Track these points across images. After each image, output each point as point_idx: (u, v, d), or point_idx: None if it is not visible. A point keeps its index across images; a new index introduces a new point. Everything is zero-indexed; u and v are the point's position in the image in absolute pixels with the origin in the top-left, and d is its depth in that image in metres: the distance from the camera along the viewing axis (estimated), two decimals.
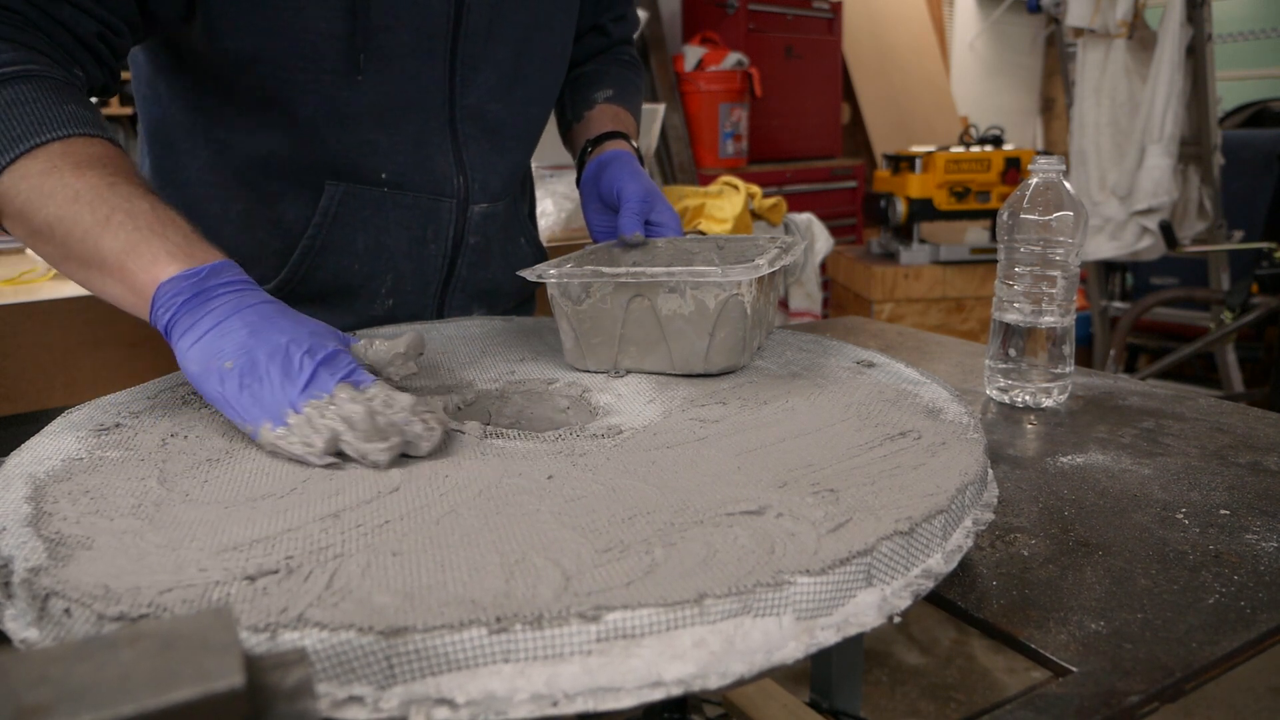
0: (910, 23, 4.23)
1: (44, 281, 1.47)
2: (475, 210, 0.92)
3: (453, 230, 0.91)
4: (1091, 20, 2.52)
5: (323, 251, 0.86)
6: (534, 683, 0.36)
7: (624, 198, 0.89)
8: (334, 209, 0.85)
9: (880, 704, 1.78)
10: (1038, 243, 0.84)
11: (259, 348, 0.55)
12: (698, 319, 0.68)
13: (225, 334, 0.56)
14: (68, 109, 0.63)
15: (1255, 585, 0.53)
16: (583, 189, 0.99)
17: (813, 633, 0.40)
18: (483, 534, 0.45)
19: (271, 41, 0.75)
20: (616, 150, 0.96)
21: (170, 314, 0.57)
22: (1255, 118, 3.55)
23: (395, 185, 0.86)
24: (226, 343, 0.56)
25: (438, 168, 0.87)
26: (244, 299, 0.59)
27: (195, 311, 0.57)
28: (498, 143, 0.91)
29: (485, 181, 0.91)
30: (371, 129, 0.82)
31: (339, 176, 0.84)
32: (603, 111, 1.03)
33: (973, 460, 0.53)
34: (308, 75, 0.77)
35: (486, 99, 0.88)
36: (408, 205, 0.87)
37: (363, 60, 0.78)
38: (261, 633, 0.36)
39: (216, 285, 0.58)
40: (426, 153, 0.86)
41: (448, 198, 0.89)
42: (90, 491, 0.50)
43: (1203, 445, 0.75)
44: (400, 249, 0.89)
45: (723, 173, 2.69)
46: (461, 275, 0.94)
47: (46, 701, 0.26)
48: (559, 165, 1.98)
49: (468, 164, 0.89)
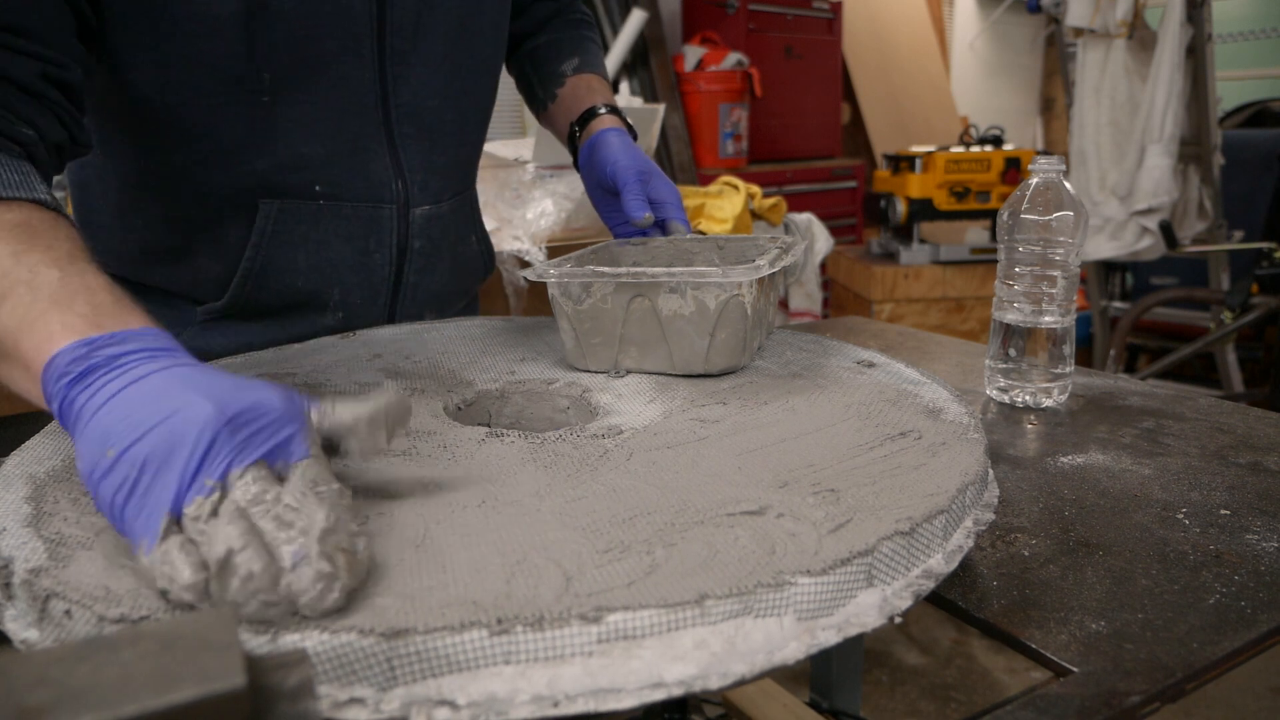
0: (910, 23, 4.23)
1: None
2: (417, 214, 0.87)
3: (395, 237, 0.86)
4: (1091, 20, 2.52)
5: (264, 271, 0.82)
6: (535, 684, 0.36)
7: (621, 180, 0.88)
8: (270, 227, 0.80)
9: (880, 704, 1.78)
10: (1038, 243, 0.84)
11: (149, 421, 0.41)
12: (698, 319, 0.68)
13: (115, 411, 0.42)
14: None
15: (1256, 585, 0.53)
16: (583, 176, 0.97)
17: (814, 633, 0.40)
18: (483, 534, 0.45)
19: (180, 72, 0.71)
20: (603, 129, 0.93)
21: (58, 402, 0.45)
22: (1255, 118, 3.55)
23: (331, 196, 0.82)
24: (115, 421, 0.41)
25: (374, 174, 0.83)
26: (151, 364, 0.45)
27: (83, 391, 0.44)
28: (436, 140, 0.87)
29: (425, 183, 0.87)
30: (302, 141, 0.78)
31: (272, 194, 0.80)
32: (575, 85, 0.99)
33: (973, 460, 0.53)
34: (225, 99, 0.73)
35: (422, 96, 0.83)
36: (346, 215, 0.83)
37: (270, 79, 0.74)
38: (263, 634, 0.36)
39: (117, 355, 0.45)
40: (361, 159, 0.82)
41: (387, 204, 0.85)
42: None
43: (1203, 445, 0.75)
44: (344, 261, 0.85)
45: (723, 173, 2.69)
46: (410, 282, 0.90)
47: (47, 702, 0.26)
48: (559, 165, 1.98)
49: (405, 166, 0.85)
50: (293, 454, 0.42)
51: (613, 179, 0.89)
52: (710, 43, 3.11)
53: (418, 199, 0.87)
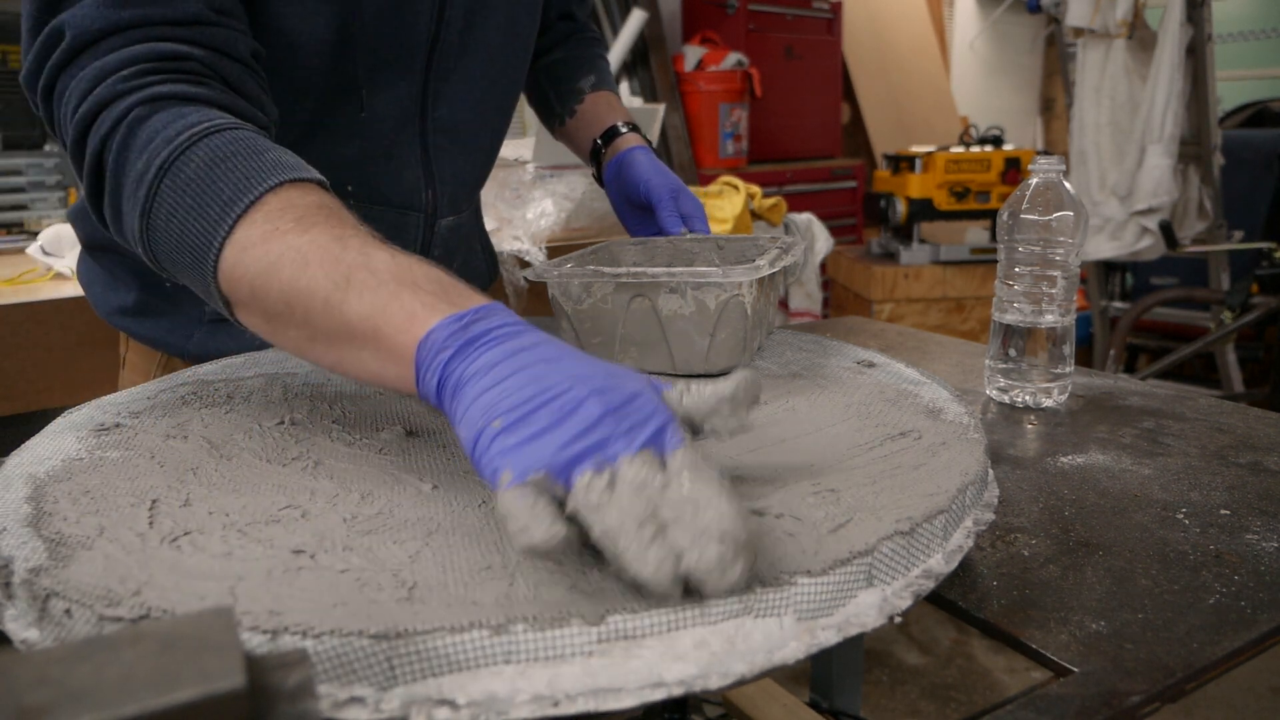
0: (910, 23, 4.23)
1: (44, 281, 1.47)
2: (442, 224, 0.89)
3: (418, 246, 0.87)
4: (1091, 20, 2.52)
5: None
6: (535, 684, 0.36)
7: (655, 198, 0.91)
8: None
9: (880, 704, 1.78)
10: (1038, 243, 0.84)
11: (537, 396, 0.42)
12: (698, 319, 0.68)
13: (499, 386, 0.43)
14: (269, 156, 0.54)
15: (1256, 585, 0.53)
16: (608, 189, 1.00)
17: (814, 633, 0.40)
18: (484, 534, 0.45)
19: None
20: (630, 148, 0.97)
21: (436, 377, 0.46)
22: (1255, 118, 3.55)
23: (363, 198, 0.82)
24: (501, 397, 0.43)
25: (406, 181, 0.84)
26: (520, 342, 0.46)
27: (463, 366, 0.45)
28: (468, 154, 0.89)
29: (453, 195, 0.89)
30: (343, 143, 0.79)
31: None
32: (594, 102, 1.02)
33: (973, 460, 0.53)
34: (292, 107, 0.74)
35: (458, 110, 0.85)
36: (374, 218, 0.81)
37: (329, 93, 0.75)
38: (263, 633, 0.36)
39: (488, 330, 0.46)
40: (396, 166, 0.83)
41: (415, 211, 0.86)
42: (90, 491, 0.50)
43: (1203, 445, 0.75)
44: None
45: (723, 173, 2.69)
46: None
47: (47, 702, 0.26)
48: (559, 165, 1.98)
49: (437, 177, 0.86)
50: (667, 444, 0.42)
51: (645, 196, 0.93)
52: (710, 43, 3.11)
53: (445, 210, 0.89)
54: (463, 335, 0.46)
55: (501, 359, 0.44)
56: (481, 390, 0.44)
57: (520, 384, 0.43)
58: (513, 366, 0.44)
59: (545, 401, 0.42)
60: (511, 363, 0.44)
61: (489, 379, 0.44)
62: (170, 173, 0.54)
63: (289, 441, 0.58)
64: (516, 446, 0.41)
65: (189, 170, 0.53)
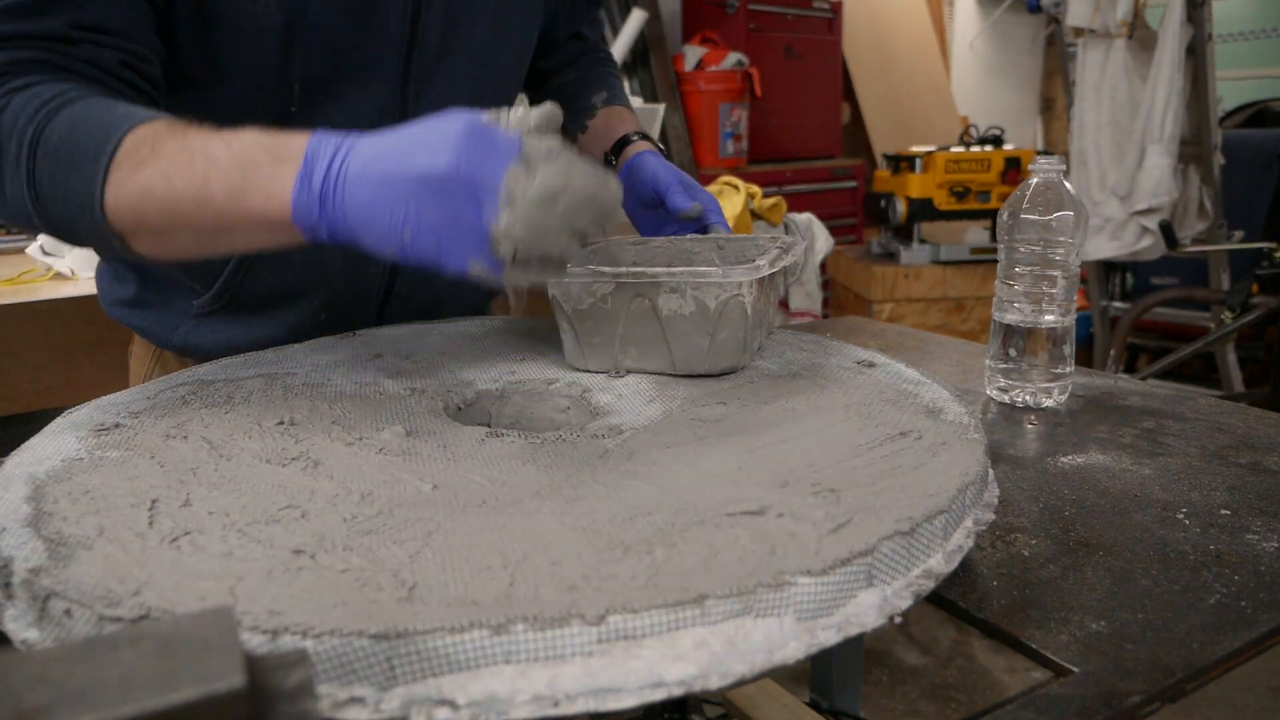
0: (910, 23, 4.23)
1: (44, 281, 1.47)
2: None
3: None
4: (1091, 20, 2.52)
5: (258, 261, 0.83)
6: (535, 684, 0.36)
7: (663, 186, 0.92)
8: None
9: (880, 704, 1.78)
10: (1038, 243, 0.84)
11: (422, 190, 0.53)
12: (698, 319, 0.68)
13: (376, 205, 0.54)
14: (120, 110, 0.62)
15: (1256, 585, 0.53)
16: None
17: (814, 633, 0.40)
18: (484, 534, 0.45)
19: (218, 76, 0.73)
20: (640, 152, 0.98)
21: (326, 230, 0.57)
22: (1255, 118, 3.54)
23: None
24: (393, 209, 0.54)
25: None
26: (357, 155, 0.56)
27: (326, 208, 0.55)
28: None
29: None
30: None
31: None
32: (606, 116, 1.03)
33: (973, 460, 0.53)
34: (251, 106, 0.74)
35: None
36: None
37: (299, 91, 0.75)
38: (263, 633, 0.36)
39: (324, 170, 0.56)
40: None
41: None
42: (90, 491, 0.50)
43: (1203, 445, 0.75)
44: (335, 265, 0.85)
45: (723, 173, 2.69)
46: (400, 294, 0.91)
47: (47, 702, 0.26)
48: None
49: None
50: None
51: (654, 188, 0.93)
52: (710, 43, 3.11)
53: None
54: (313, 185, 0.56)
55: (356, 178, 0.55)
56: (369, 198, 0.54)
57: (389, 193, 0.54)
58: (365, 181, 0.55)
59: (432, 185, 0.53)
60: (360, 183, 0.55)
61: (364, 194, 0.54)
62: (40, 145, 0.61)
63: (289, 441, 0.58)
64: (449, 215, 0.53)
65: (54, 139, 0.60)
